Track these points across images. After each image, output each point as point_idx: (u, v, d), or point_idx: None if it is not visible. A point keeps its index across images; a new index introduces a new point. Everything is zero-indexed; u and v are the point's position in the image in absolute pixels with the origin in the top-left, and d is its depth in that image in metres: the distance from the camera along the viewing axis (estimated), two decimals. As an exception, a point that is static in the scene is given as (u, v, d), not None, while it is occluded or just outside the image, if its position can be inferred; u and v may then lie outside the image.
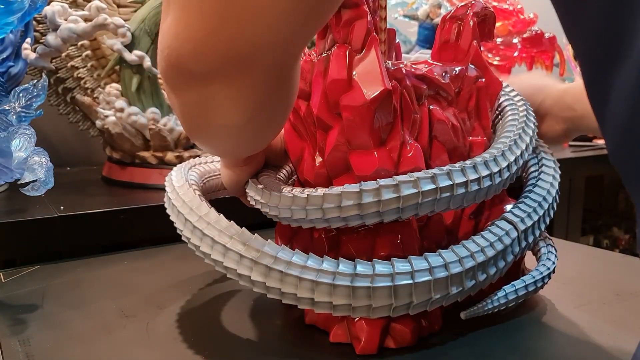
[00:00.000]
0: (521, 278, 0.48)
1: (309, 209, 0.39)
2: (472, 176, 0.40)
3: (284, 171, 0.50)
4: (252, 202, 0.44)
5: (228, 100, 0.28)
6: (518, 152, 0.44)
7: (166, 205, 0.46)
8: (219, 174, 0.54)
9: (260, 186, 0.43)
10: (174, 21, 0.25)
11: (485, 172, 0.41)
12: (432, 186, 0.38)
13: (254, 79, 0.27)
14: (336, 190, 0.38)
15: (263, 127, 0.33)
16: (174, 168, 0.50)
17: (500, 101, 0.53)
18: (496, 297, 0.46)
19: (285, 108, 0.32)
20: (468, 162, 0.41)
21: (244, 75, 0.26)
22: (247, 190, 0.45)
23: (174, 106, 0.31)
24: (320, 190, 0.39)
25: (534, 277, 0.49)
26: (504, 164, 0.42)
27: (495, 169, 0.41)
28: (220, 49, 0.25)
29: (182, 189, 0.45)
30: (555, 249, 0.53)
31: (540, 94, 0.56)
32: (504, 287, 0.47)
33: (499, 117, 0.52)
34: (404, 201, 0.38)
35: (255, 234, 0.40)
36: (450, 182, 0.39)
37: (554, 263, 0.51)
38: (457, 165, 0.40)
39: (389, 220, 0.39)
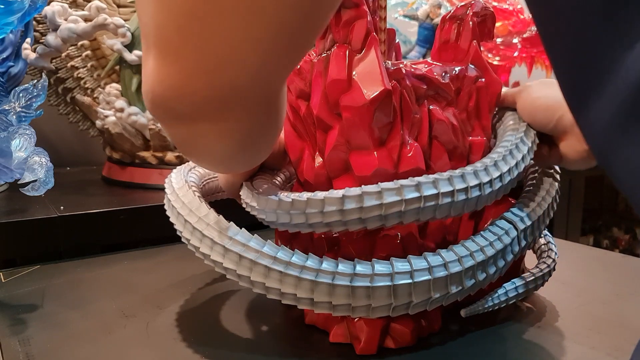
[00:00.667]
0: (521, 276, 0.49)
1: (309, 212, 0.38)
2: (473, 182, 0.39)
3: (282, 175, 0.50)
4: (246, 207, 0.44)
5: (216, 136, 0.29)
6: (519, 157, 0.44)
7: (166, 207, 0.47)
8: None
9: (255, 191, 0.42)
10: (155, 67, 0.25)
11: (486, 179, 0.40)
12: (434, 191, 0.38)
13: (239, 116, 0.27)
14: (337, 193, 0.38)
15: (254, 152, 0.33)
16: (174, 170, 0.50)
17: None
18: (496, 294, 0.46)
19: (275, 132, 0.32)
20: (468, 168, 0.40)
21: (228, 114, 0.26)
22: (240, 194, 0.45)
23: (166, 133, 0.32)
24: (320, 194, 0.39)
25: (534, 275, 0.49)
26: (505, 169, 0.42)
27: (496, 174, 0.41)
28: (203, 93, 0.25)
29: (181, 191, 0.45)
30: (555, 246, 0.53)
31: (559, 109, 0.47)
32: (504, 285, 0.47)
33: (500, 121, 0.51)
34: (406, 205, 0.38)
35: (255, 235, 0.40)
36: (451, 188, 0.38)
37: (554, 261, 0.51)
38: (457, 171, 0.40)
39: (390, 224, 0.38)
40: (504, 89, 0.51)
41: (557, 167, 0.52)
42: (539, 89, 0.48)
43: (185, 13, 0.22)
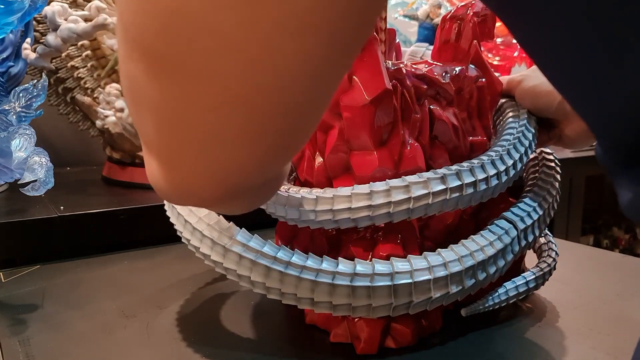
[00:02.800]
0: (521, 275, 0.49)
1: (319, 210, 0.39)
2: (481, 176, 0.40)
3: None
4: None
5: (226, 210, 0.31)
6: (522, 150, 0.45)
7: (166, 207, 0.46)
8: None
9: None
10: (158, 170, 0.25)
11: (492, 172, 0.41)
12: (442, 187, 0.39)
13: (245, 200, 0.28)
14: (345, 191, 0.39)
15: (271, 195, 0.33)
16: None
17: (501, 101, 0.53)
18: (497, 293, 0.46)
19: (281, 181, 0.32)
20: (475, 161, 0.41)
21: (234, 202, 0.27)
22: None
23: None
24: (330, 192, 0.39)
25: (534, 274, 0.49)
26: (510, 162, 0.43)
27: (502, 168, 0.42)
28: (206, 193, 0.25)
29: (182, 190, 0.45)
30: (555, 245, 0.53)
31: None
32: (504, 284, 0.47)
33: (500, 117, 0.51)
34: (415, 202, 0.38)
35: (255, 235, 0.40)
36: (459, 182, 0.39)
37: (554, 260, 0.51)
38: (464, 164, 0.41)
39: (398, 219, 0.39)
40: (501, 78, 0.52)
41: (557, 168, 0.52)
42: (538, 76, 0.50)
43: (179, 124, 0.22)
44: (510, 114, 0.49)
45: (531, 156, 0.54)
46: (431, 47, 0.53)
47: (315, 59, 0.20)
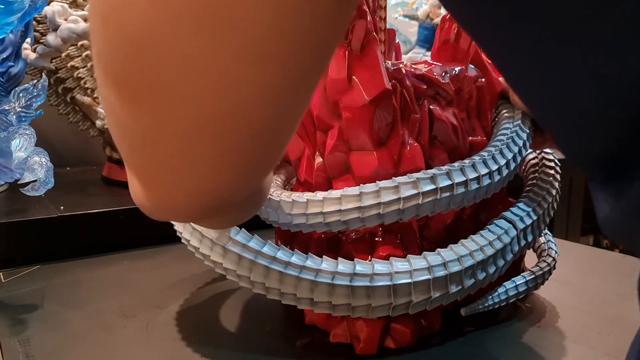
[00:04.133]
0: (521, 275, 0.49)
1: (309, 213, 0.39)
2: (472, 175, 0.40)
3: (282, 175, 0.50)
4: None
5: (213, 225, 0.32)
6: (516, 149, 0.44)
7: (166, 206, 0.46)
8: None
9: None
10: (138, 187, 0.25)
11: (484, 171, 0.41)
12: (432, 186, 0.38)
13: (227, 214, 0.28)
14: (336, 193, 0.38)
15: (255, 210, 0.34)
16: None
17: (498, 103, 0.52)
18: (496, 293, 0.46)
19: (264, 196, 0.32)
20: (467, 161, 0.41)
21: (216, 217, 0.28)
22: None
23: None
24: (320, 195, 0.39)
25: (534, 274, 0.49)
26: (503, 162, 0.42)
27: (494, 167, 0.41)
28: (187, 210, 0.25)
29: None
30: (555, 245, 0.53)
31: None
32: (504, 283, 0.47)
33: (496, 117, 0.51)
34: (404, 202, 0.38)
35: (254, 235, 0.40)
36: (450, 182, 0.39)
37: (554, 259, 0.51)
38: (456, 164, 0.40)
39: (389, 221, 0.39)
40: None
41: (557, 168, 0.52)
42: None
43: (150, 147, 0.22)
44: (506, 115, 0.49)
45: (530, 157, 0.54)
46: (428, 54, 0.53)
47: (275, 86, 0.20)
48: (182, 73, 0.19)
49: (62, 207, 0.69)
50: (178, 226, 0.44)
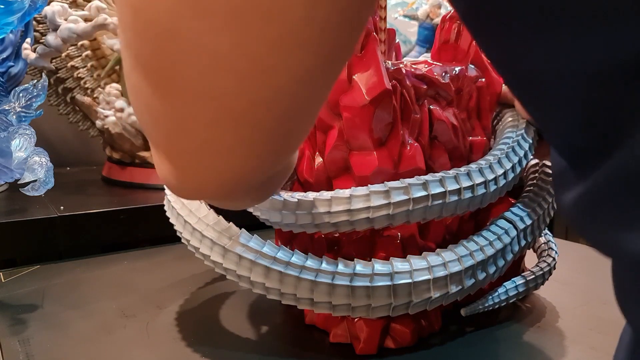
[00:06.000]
0: (521, 275, 0.49)
1: (299, 213, 0.38)
2: (466, 183, 0.39)
3: None
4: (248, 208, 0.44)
5: (233, 205, 0.32)
6: (516, 160, 0.43)
7: (166, 208, 0.47)
8: None
9: None
10: (164, 165, 0.25)
11: (479, 180, 0.40)
12: (424, 193, 0.38)
13: (250, 196, 0.29)
14: (326, 195, 0.38)
15: (275, 190, 0.35)
16: None
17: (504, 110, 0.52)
18: (496, 293, 0.46)
19: (291, 169, 0.33)
20: (462, 169, 0.40)
21: (240, 200, 0.29)
22: None
23: None
24: (310, 195, 0.39)
25: (534, 274, 0.49)
26: (500, 172, 0.41)
27: (491, 177, 0.40)
28: (210, 191, 0.26)
29: (181, 190, 0.45)
30: (555, 245, 0.53)
31: None
32: (504, 284, 0.47)
33: (500, 124, 0.51)
34: (394, 207, 0.37)
35: (255, 235, 0.40)
36: (442, 189, 0.38)
37: (554, 259, 0.51)
38: (450, 172, 0.39)
39: (379, 226, 0.38)
40: (504, 87, 0.51)
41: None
42: None
43: (179, 132, 0.23)
44: (510, 123, 0.49)
45: (531, 163, 0.54)
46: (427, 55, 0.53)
47: (306, 71, 0.20)
48: (213, 64, 0.19)
49: (62, 207, 0.69)
50: (178, 226, 0.44)
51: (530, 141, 0.46)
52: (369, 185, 0.38)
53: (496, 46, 0.21)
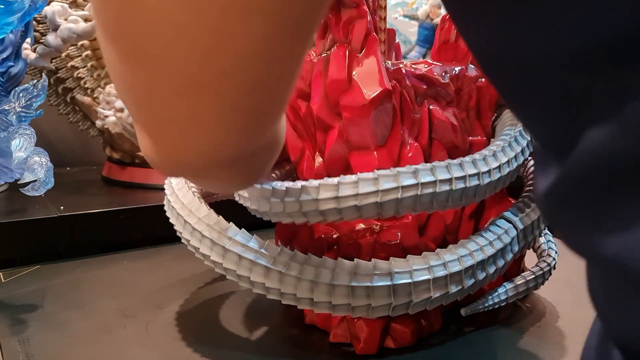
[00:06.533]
0: (521, 274, 0.49)
1: (287, 201, 0.37)
2: (457, 174, 0.38)
3: (278, 171, 0.49)
4: (238, 199, 0.43)
5: (217, 183, 0.31)
6: (512, 155, 0.42)
7: (166, 208, 0.47)
8: None
9: None
10: (145, 140, 0.25)
11: (472, 171, 0.38)
12: (414, 181, 0.36)
13: (232, 172, 0.28)
14: (314, 183, 0.37)
15: (263, 174, 0.34)
16: None
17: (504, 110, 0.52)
18: (496, 293, 0.46)
19: (275, 157, 0.32)
20: (455, 160, 0.39)
21: (222, 175, 0.28)
22: None
23: None
24: (299, 183, 0.38)
25: (534, 274, 0.49)
26: (494, 165, 0.40)
27: (484, 169, 0.39)
28: (192, 166, 0.25)
29: (181, 191, 0.45)
30: (555, 245, 0.53)
31: None
32: (504, 283, 0.47)
33: (499, 124, 0.51)
34: (383, 195, 0.36)
35: (255, 235, 0.40)
36: (433, 179, 0.37)
37: (554, 259, 0.51)
38: (442, 162, 0.38)
39: (368, 215, 0.37)
40: None
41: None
42: None
43: (152, 103, 0.23)
44: (509, 121, 0.48)
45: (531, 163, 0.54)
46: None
47: (266, 40, 0.20)
48: (172, 31, 0.20)
49: (62, 207, 0.69)
50: (178, 226, 0.44)
51: (529, 138, 0.45)
52: (357, 173, 0.37)
53: (476, 32, 0.21)
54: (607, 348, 0.22)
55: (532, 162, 0.54)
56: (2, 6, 0.57)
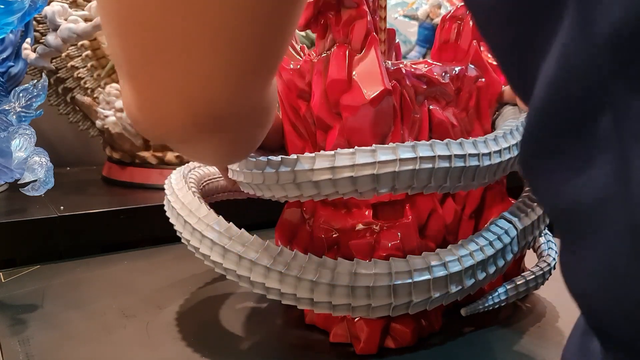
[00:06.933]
0: (521, 274, 0.49)
1: (281, 171, 0.36)
2: (457, 152, 0.37)
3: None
4: (230, 174, 0.42)
5: (205, 149, 0.30)
6: (513, 142, 0.41)
7: (166, 208, 0.47)
8: (219, 177, 0.54)
9: None
10: (131, 95, 0.25)
11: (472, 151, 0.37)
12: (412, 154, 0.35)
13: (222, 135, 0.27)
14: (310, 154, 0.36)
15: (248, 151, 0.34)
16: (174, 171, 0.50)
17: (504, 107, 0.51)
18: (496, 293, 0.47)
19: (266, 129, 0.31)
20: (456, 140, 0.38)
21: (210, 136, 0.27)
22: (228, 166, 0.43)
23: None
24: (294, 155, 0.37)
25: (534, 274, 0.49)
26: (495, 148, 0.39)
27: (485, 151, 0.38)
28: (179, 121, 0.25)
29: (181, 192, 0.45)
30: (555, 245, 0.53)
31: None
32: (504, 284, 0.47)
33: (500, 115, 0.51)
34: (380, 167, 0.35)
35: (255, 235, 0.40)
36: (432, 154, 0.36)
37: (554, 259, 0.51)
38: (442, 141, 0.37)
39: (364, 190, 0.36)
40: (505, 87, 0.51)
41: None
42: None
43: (146, 44, 0.22)
44: (512, 115, 0.48)
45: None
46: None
47: None
48: None
49: (62, 207, 0.69)
50: (178, 226, 0.44)
51: None
52: (373, 145, 0.36)
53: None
54: (588, 341, 0.22)
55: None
56: (2, 6, 0.57)
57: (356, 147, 0.36)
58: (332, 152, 0.35)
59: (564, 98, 0.18)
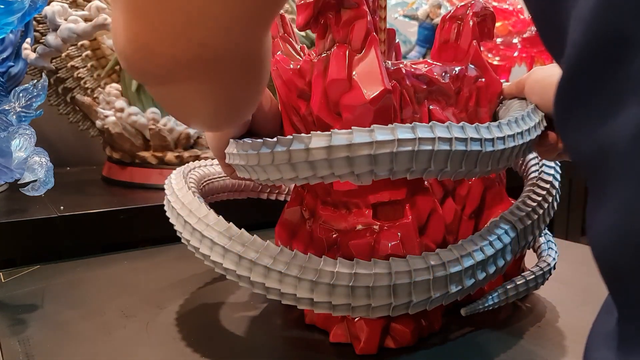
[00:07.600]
0: (521, 274, 0.49)
1: (277, 151, 0.36)
2: (458, 135, 0.36)
3: None
4: (228, 160, 0.42)
5: (194, 96, 0.28)
6: (518, 130, 0.40)
7: (166, 208, 0.47)
8: (219, 177, 0.54)
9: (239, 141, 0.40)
10: (123, 26, 0.24)
11: (474, 135, 0.36)
12: (411, 135, 0.34)
13: (213, 77, 0.26)
14: (307, 135, 0.35)
15: (238, 109, 0.32)
16: (174, 171, 0.50)
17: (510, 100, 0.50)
18: (496, 293, 0.47)
19: (258, 89, 0.31)
20: (458, 123, 0.37)
21: (202, 76, 0.26)
22: (225, 151, 0.42)
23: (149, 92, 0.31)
24: (290, 135, 0.36)
25: (534, 274, 0.49)
26: (499, 134, 0.38)
27: (488, 136, 0.37)
28: (171, 53, 0.24)
29: (181, 192, 0.45)
30: (555, 245, 0.53)
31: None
32: (503, 283, 0.47)
33: (505, 107, 0.49)
34: (377, 147, 0.34)
35: (254, 235, 0.40)
36: (431, 135, 0.35)
37: (554, 259, 0.51)
38: (444, 123, 0.36)
39: (361, 171, 0.35)
40: (505, 84, 0.50)
41: (557, 168, 0.52)
42: (549, 69, 0.47)
43: None
44: (517, 107, 0.47)
45: (530, 157, 0.54)
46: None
47: None
48: None
49: (62, 207, 0.69)
50: (178, 226, 0.44)
51: (537, 120, 0.43)
52: (373, 125, 0.35)
53: None
54: (609, 321, 0.23)
55: (532, 162, 0.54)
56: (2, 6, 0.57)
57: (353, 127, 0.35)
58: (329, 132, 0.34)
59: (599, 39, 0.18)
